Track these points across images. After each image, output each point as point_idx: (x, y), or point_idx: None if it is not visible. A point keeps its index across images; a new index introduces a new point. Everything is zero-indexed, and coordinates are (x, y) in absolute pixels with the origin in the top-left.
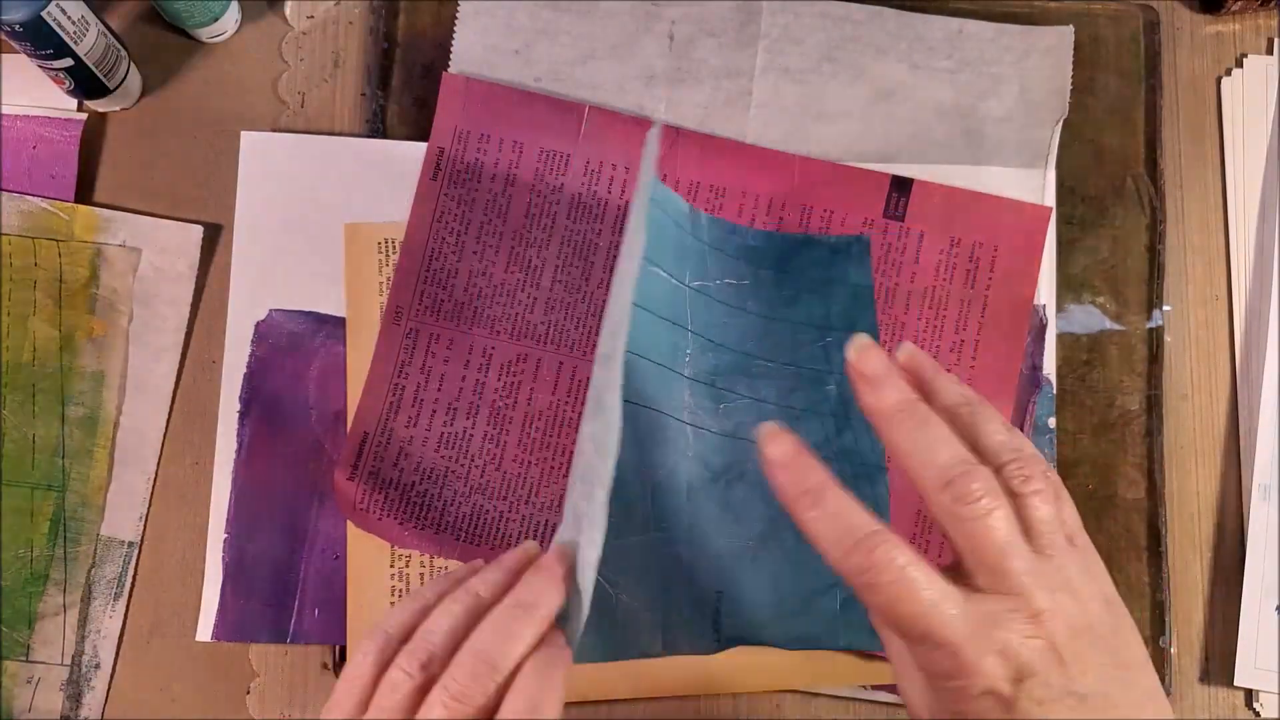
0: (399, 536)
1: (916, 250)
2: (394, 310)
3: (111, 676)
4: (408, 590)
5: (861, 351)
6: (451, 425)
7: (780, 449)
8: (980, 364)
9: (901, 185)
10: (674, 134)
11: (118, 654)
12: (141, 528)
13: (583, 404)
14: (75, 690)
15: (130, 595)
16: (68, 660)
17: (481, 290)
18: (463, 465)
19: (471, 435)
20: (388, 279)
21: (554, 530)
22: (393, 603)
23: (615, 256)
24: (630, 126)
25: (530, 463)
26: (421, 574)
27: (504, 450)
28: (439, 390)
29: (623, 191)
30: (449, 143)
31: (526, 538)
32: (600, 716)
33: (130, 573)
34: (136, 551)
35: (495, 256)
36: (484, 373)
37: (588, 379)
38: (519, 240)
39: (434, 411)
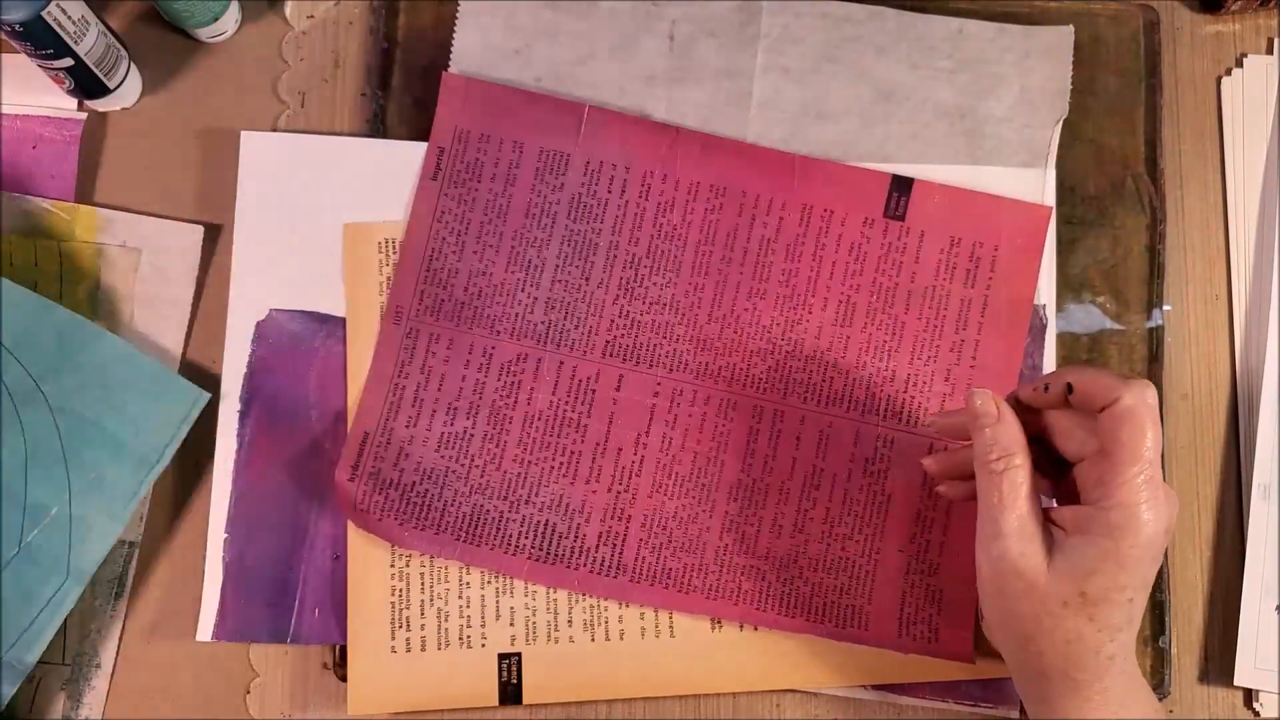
0: (399, 536)
1: (917, 250)
2: (394, 310)
3: (112, 676)
4: (408, 590)
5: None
6: (451, 425)
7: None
8: (980, 363)
9: (902, 185)
10: (674, 133)
11: (118, 654)
12: (142, 528)
13: (581, 404)
14: (76, 690)
15: (130, 595)
16: (69, 660)
17: (481, 290)
18: (462, 465)
19: (471, 435)
20: (388, 279)
21: (554, 531)
22: (393, 603)
23: (614, 256)
24: (630, 126)
25: (530, 462)
26: (422, 573)
27: (504, 450)
28: (439, 390)
29: (623, 191)
30: (449, 143)
31: (526, 538)
32: (600, 716)
33: (131, 573)
34: (137, 551)
35: (495, 256)
36: (484, 373)
37: (587, 379)
38: (519, 240)
39: (434, 411)
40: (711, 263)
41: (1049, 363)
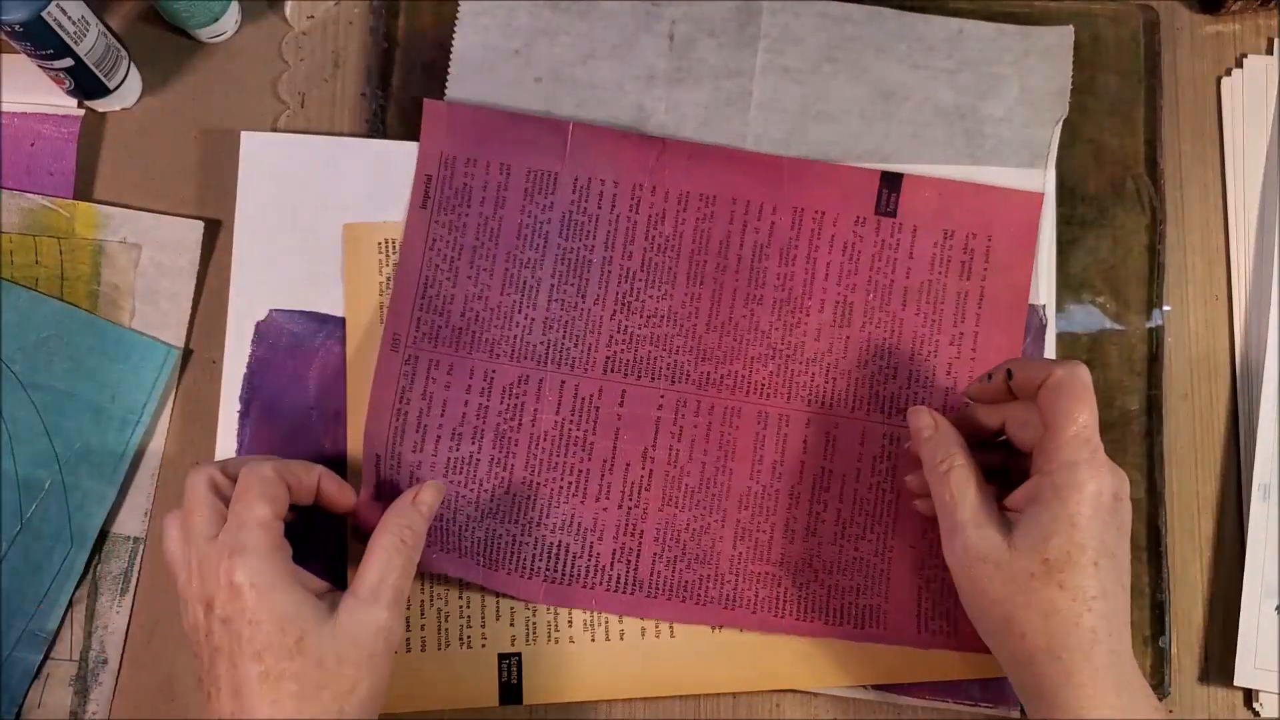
0: (427, 558)
1: (910, 245)
2: (391, 338)
3: (119, 674)
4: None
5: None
6: (457, 450)
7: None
8: (980, 356)
9: (891, 181)
10: (660, 145)
11: (124, 651)
12: (146, 525)
13: (586, 422)
14: (83, 686)
15: (136, 592)
16: (76, 656)
17: (479, 314)
18: (471, 490)
19: (478, 459)
20: (388, 279)
21: (568, 551)
22: None
23: (609, 271)
24: (617, 140)
25: (539, 484)
26: (422, 574)
27: (511, 473)
28: (442, 416)
29: (613, 206)
30: (436, 169)
31: (541, 560)
32: (600, 716)
33: (136, 569)
34: (143, 548)
35: (490, 279)
36: (486, 396)
37: (589, 397)
38: (513, 261)
39: (439, 437)
40: (706, 272)
41: None
